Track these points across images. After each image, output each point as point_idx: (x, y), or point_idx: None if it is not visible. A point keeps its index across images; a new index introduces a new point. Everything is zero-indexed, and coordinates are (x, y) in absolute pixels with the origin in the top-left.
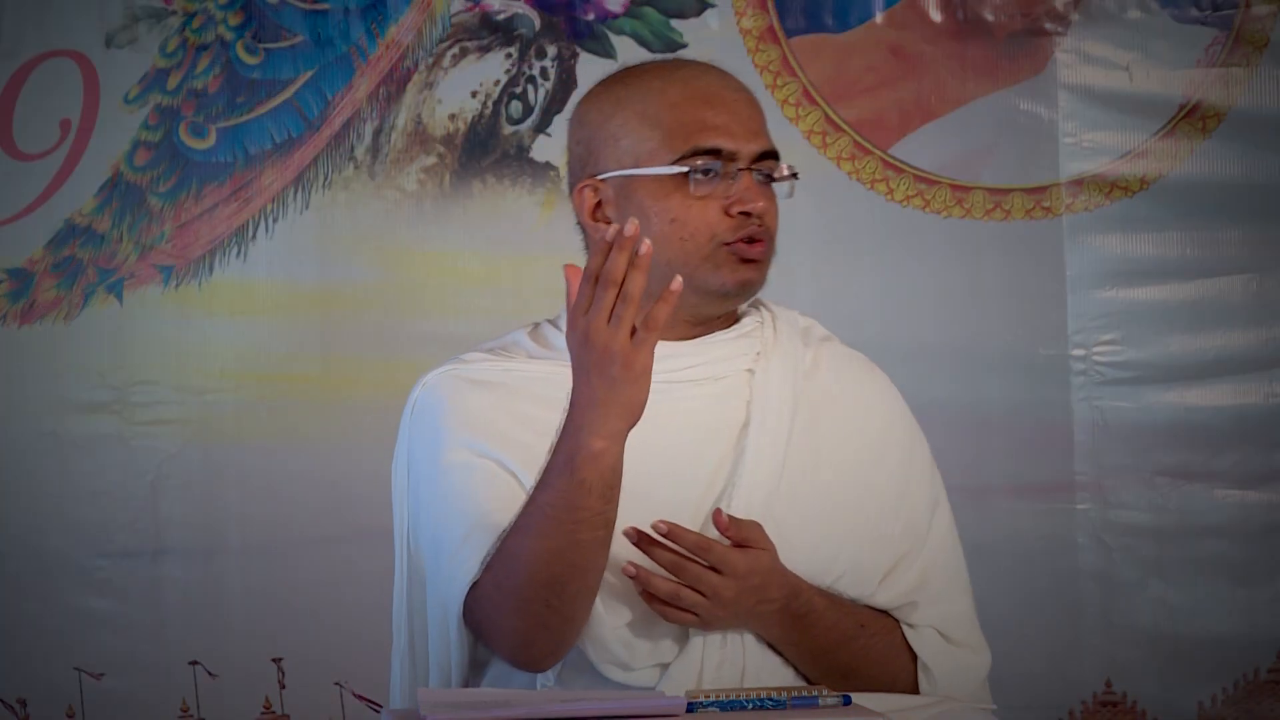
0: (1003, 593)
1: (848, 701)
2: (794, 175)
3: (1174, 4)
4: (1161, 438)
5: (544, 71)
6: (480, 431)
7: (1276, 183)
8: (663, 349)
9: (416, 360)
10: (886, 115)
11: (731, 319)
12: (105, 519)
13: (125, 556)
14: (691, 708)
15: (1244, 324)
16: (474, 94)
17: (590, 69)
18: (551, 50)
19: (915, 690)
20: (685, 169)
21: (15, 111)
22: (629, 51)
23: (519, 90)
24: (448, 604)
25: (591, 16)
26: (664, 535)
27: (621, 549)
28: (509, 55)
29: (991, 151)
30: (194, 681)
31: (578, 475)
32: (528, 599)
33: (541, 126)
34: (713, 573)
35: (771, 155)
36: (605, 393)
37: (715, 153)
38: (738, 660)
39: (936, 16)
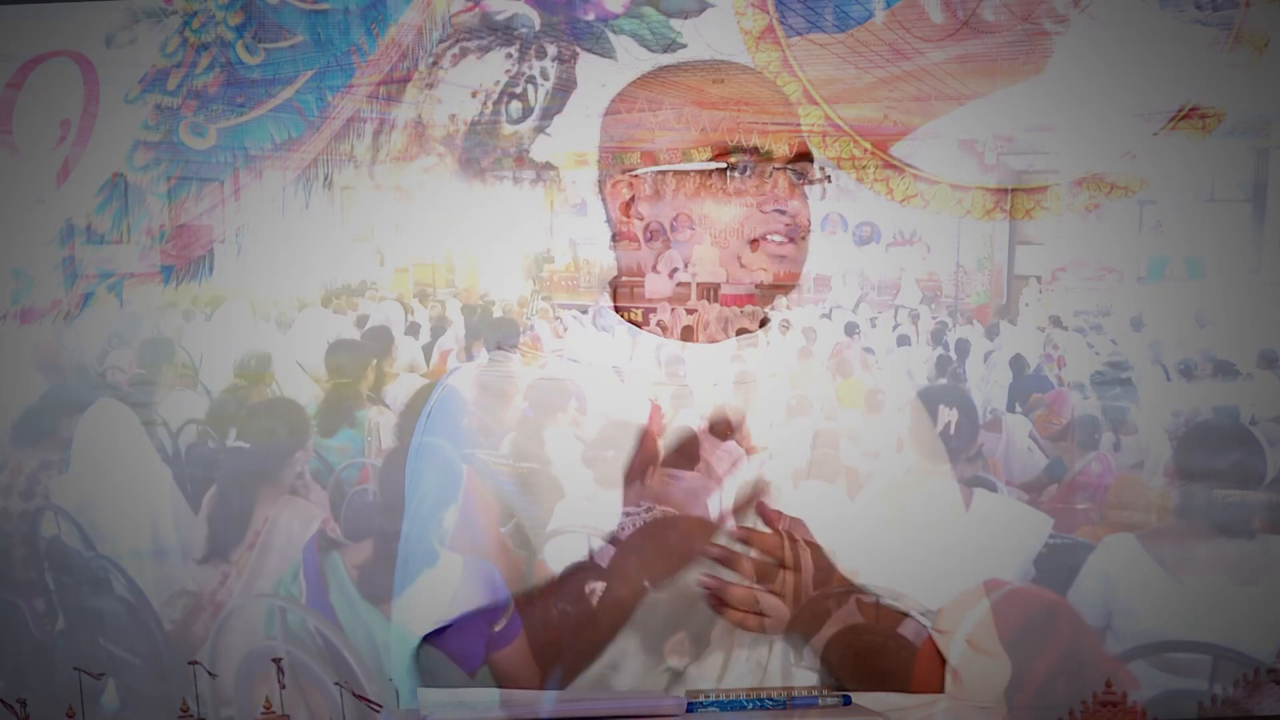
0: (1003, 593)
1: (848, 701)
2: (827, 178)
3: (1174, 4)
4: (1162, 438)
5: (544, 71)
6: (490, 438)
7: (1276, 182)
8: (689, 351)
9: (416, 361)
10: (886, 115)
11: (760, 321)
12: (105, 519)
13: (125, 556)
14: (692, 707)
15: (1244, 324)
16: (474, 94)
17: (590, 69)
18: (551, 50)
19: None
20: (722, 165)
21: (15, 111)
22: (629, 52)
23: (519, 90)
24: (402, 633)
25: (591, 16)
26: (742, 540)
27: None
28: (509, 55)
29: (992, 150)
30: (194, 681)
31: (598, 603)
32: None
33: (541, 127)
34: (791, 572)
35: (806, 157)
36: (654, 551)
37: (752, 151)
38: (758, 669)
39: (936, 16)
